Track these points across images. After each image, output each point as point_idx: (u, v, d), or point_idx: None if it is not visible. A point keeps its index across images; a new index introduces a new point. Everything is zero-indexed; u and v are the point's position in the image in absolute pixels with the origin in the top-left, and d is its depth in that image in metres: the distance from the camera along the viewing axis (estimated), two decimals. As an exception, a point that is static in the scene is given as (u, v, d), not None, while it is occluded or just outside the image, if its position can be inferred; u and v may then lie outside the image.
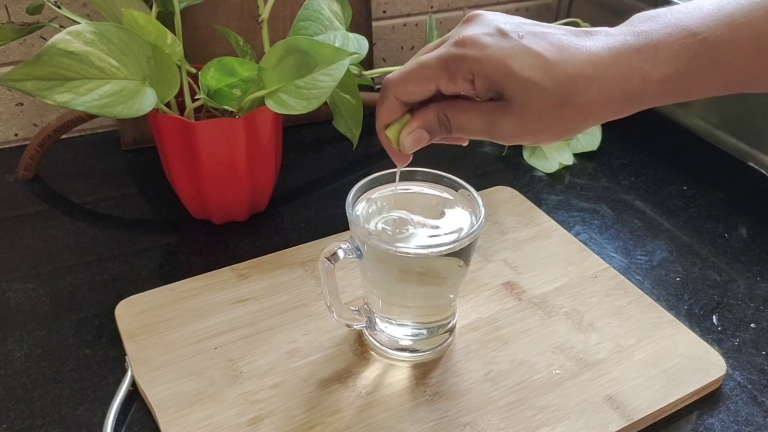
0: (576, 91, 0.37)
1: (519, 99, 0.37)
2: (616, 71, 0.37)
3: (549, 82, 0.37)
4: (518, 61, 0.37)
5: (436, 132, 0.41)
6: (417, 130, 0.41)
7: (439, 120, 0.40)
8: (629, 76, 0.37)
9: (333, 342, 0.51)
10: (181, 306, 0.54)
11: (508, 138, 0.39)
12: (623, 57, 0.37)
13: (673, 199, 0.71)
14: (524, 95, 0.37)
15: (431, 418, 0.46)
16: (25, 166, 0.70)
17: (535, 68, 0.37)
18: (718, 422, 0.48)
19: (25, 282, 0.58)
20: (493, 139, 0.40)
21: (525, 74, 0.37)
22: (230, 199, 0.62)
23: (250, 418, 0.46)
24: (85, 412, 0.47)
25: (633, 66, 0.37)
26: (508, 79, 0.37)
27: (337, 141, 0.77)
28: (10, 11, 0.70)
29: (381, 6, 0.86)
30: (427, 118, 0.40)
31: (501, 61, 0.37)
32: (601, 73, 0.37)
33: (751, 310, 0.57)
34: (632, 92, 0.37)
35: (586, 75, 0.37)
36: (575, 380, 0.49)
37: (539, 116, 0.38)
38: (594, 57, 0.37)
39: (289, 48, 0.53)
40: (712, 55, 0.37)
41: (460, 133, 0.40)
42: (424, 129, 0.41)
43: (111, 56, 0.49)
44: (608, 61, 0.37)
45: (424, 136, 0.41)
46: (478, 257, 0.60)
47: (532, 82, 0.37)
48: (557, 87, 0.37)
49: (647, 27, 0.37)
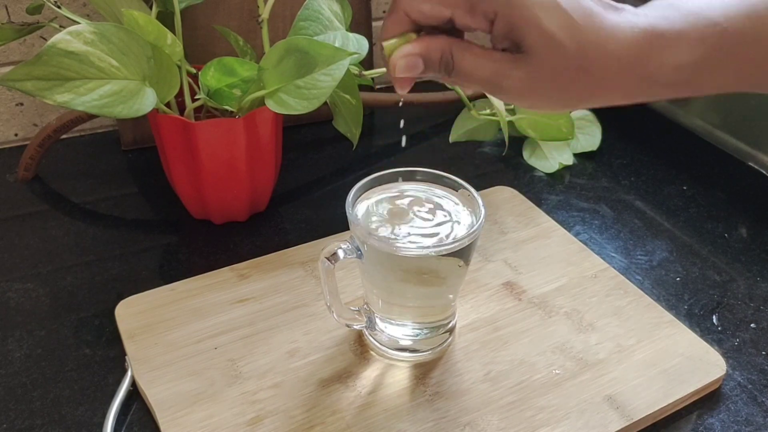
0: (596, 60, 0.36)
1: (538, 53, 0.36)
2: (636, 51, 0.36)
3: (573, 43, 0.35)
4: (547, 14, 0.35)
5: (434, 67, 0.38)
6: (413, 57, 0.38)
7: (443, 56, 0.37)
8: (648, 58, 0.36)
9: (333, 342, 0.51)
10: (181, 306, 0.54)
11: (513, 94, 0.37)
12: (646, 38, 0.36)
13: (673, 199, 0.71)
14: (544, 51, 0.35)
15: (431, 418, 0.46)
16: (25, 166, 0.70)
17: (563, 26, 0.35)
18: (718, 422, 0.48)
19: (25, 282, 0.58)
20: (495, 92, 0.38)
21: (551, 29, 0.35)
22: (230, 199, 0.62)
23: (250, 418, 0.46)
24: (85, 412, 0.47)
25: (653, 49, 0.36)
26: (531, 29, 0.35)
27: (337, 141, 0.77)
28: (10, 11, 0.70)
29: (381, 6, 0.86)
30: (431, 48, 0.37)
31: (530, 9, 0.35)
32: (622, 51, 0.36)
33: (751, 310, 0.57)
34: (647, 75, 0.36)
35: (609, 48, 0.35)
36: (575, 380, 0.49)
37: (552, 77, 0.36)
38: (619, 32, 0.36)
39: (289, 48, 0.53)
40: (731, 48, 0.36)
41: (460, 78, 0.38)
42: (421, 58, 0.38)
43: (111, 56, 0.49)
44: (631, 40, 0.36)
45: (419, 66, 0.38)
46: (478, 257, 0.60)
47: (557, 39, 0.35)
48: (579, 52, 0.35)
49: (669, 13, 0.36)
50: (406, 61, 0.38)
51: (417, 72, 0.38)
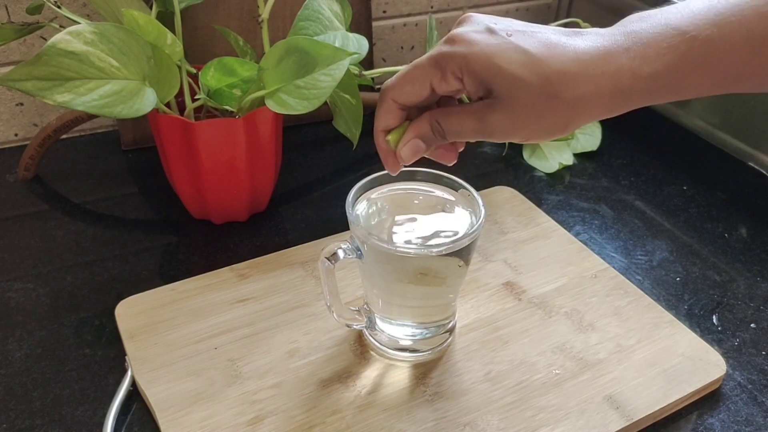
0: (562, 86, 0.37)
1: (507, 95, 0.38)
2: (604, 68, 0.37)
3: (534, 77, 0.37)
4: (504, 58, 0.37)
5: (431, 140, 0.41)
6: (412, 141, 0.41)
7: (432, 128, 0.41)
8: (618, 72, 0.37)
9: (333, 342, 0.51)
10: (181, 306, 0.54)
11: (500, 134, 0.39)
12: (612, 55, 0.37)
13: (673, 199, 0.71)
14: (512, 91, 0.37)
15: (431, 418, 0.46)
16: (25, 166, 0.70)
17: (521, 64, 0.37)
18: (718, 422, 0.48)
19: (25, 282, 0.58)
20: (486, 137, 0.40)
21: (511, 70, 0.37)
22: (230, 199, 0.62)
23: (250, 418, 0.46)
24: (85, 412, 0.47)
25: (622, 63, 0.37)
26: (494, 76, 0.37)
27: (337, 141, 0.77)
28: (10, 11, 0.70)
29: (381, 6, 0.86)
30: (421, 127, 0.41)
31: (488, 58, 0.37)
32: (589, 70, 0.37)
33: (751, 310, 0.57)
34: (622, 88, 0.37)
35: (573, 71, 0.37)
36: (575, 380, 0.49)
37: (527, 111, 0.38)
38: (582, 54, 0.37)
39: (289, 48, 0.53)
40: (702, 53, 0.37)
41: (453, 137, 0.41)
42: (419, 138, 0.41)
43: (111, 56, 0.49)
44: (596, 59, 0.37)
45: (420, 146, 0.41)
46: (478, 257, 0.60)
47: (518, 77, 0.37)
48: (543, 82, 0.37)
49: (637, 27, 0.38)
50: (408, 147, 0.41)
51: (422, 152, 0.42)
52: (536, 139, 0.40)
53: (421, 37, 0.90)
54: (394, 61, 0.90)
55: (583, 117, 0.39)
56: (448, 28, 1.03)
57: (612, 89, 0.37)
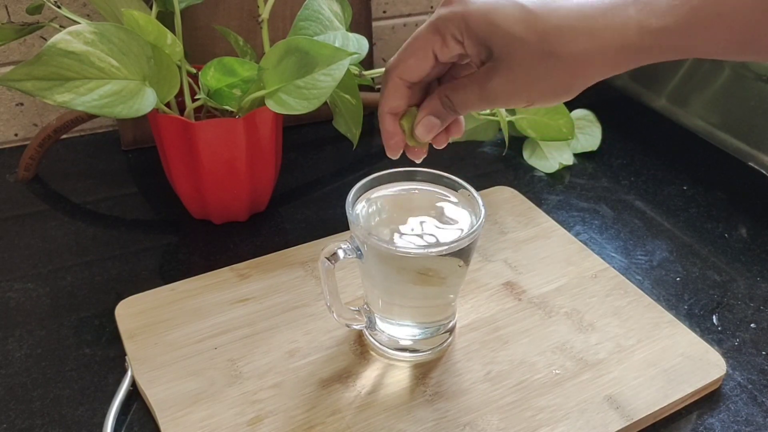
0: (561, 42, 0.35)
1: (505, 55, 0.36)
2: (608, 21, 0.35)
3: (531, 34, 0.35)
4: (501, 14, 0.36)
5: (444, 115, 0.40)
6: (426, 118, 0.41)
7: (443, 102, 0.40)
8: (625, 25, 0.35)
9: (333, 342, 0.51)
10: (181, 306, 0.54)
11: (503, 100, 0.38)
12: (618, 7, 0.35)
13: (673, 199, 0.71)
14: (509, 50, 0.36)
15: (431, 418, 0.46)
16: (25, 166, 0.70)
17: (518, 20, 0.35)
18: (718, 422, 0.48)
19: (25, 282, 0.58)
20: (491, 104, 0.39)
21: (506, 27, 0.35)
22: (230, 199, 0.62)
23: (250, 418, 0.46)
24: (85, 412, 0.47)
25: (629, 16, 0.35)
26: (492, 34, 0.36)
27: (337, 141, 0.77)
28: (10, 11, 0.70)
29: (381, 6, 0.86)
30: (432, 104, 0.40)
31: (484, 15, 0.36)
32: (592, 23, 0.35)
33: (751, 310, 0.57)
34: (629, 43, 0.35)
35: (573, 26, 0.35)
36: (575, 380, 0.49)
37: (525, 71, 0.36)
38: (585, 7, 0.35)
39: (289, 48, 0.53)
40: (715, 8, 0.34)
41: (462, 108, 0.40)
42: (432, 115, 0.40)
43: (111, 56, 0.49)
44: (600, 11, 0.35)
45: (435, 122, 0.41)
46: (478, 257, 0.60)
47: (514, 35, 0.35)
48: (539, 39, 0.35)
49: None
50: (422, 124, 0.41)
51: (437, 128, 0.41)
52: (541, 103, 0.38)
53: (421, 37, 0.90)
54: (394, 61, 0.90)
55: (587, 76, 0.37)
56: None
57: (618, 44, 0.35)
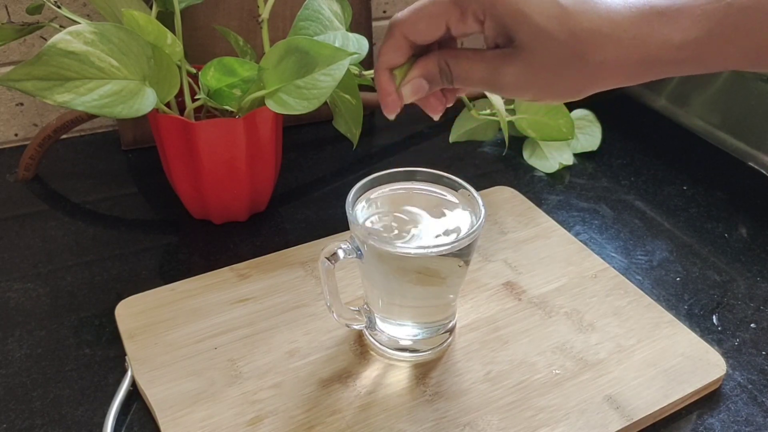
0: (591, 47, 0.35)
1: (529, 47, 0.35)
2: (635, 32, 0.35)
3: (564, 33, 0.35)
4: (534, 6, 0.35)
5: (436, 81, 0.39)
6: (416, 79, 0.39)
7: (440, 68, 0.38)
8: (649, 38, 0.35)
9: (333, 342, 0.51)
10: (181, 306, 0.54)
11: (511, 88, 0.37)
12: (645, 18, 0.35)
13: (673, 199, 0.71)
14: (535, 43, 0.35)
15: (431, 418, 0.46)
16: (25, 166, 0.70)
17: (552, 16, 0.35)
18: (718, 422, 0.48)
19: (25, 282, 0.58)
20: (494, 89, 0.38)
21: (539, 21, 0.35)
22: (230, 199, 0.62)
23: (250, 418, 0.46)
24: (85, 412, 0.47)
25: (654, 28, 0.35)
26: (520, 24, 0.35)
27: (337, 141, 0.77)
28: (10, 11, 0.70)
29: (381, 6, 0.86)
30: (428, 66, 0.39)
31: (516, 4, 0.35)
32: (620, 33, 0.35)
33: (751, 310, 0.57)
34: (649, 56, 0.35)
35: (604, 32, 0.35)
36: (575, 380, 0.49)
37: (547, 68, 0.36)
38: (614, 14, 0.35)
39: (289, 48, 0.53)
40: (736, 21, 0.35)
41: (460, 82, 0.38)
42: (423, 78, 0.39)
43: (111, 56, 0.49)
44: (628, 21, 0.35)
45: (423, 86, 0.39)
46: (478, 257, 0.60)
47: (546, 30, 0.35)
48: (572, 40, 0.35)
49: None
50: (411, 85, 0.39)
51: (423, 92, 0.40)
52: (546, 100, 0.38)
53: (421, 37, 0.90)
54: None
55: (602, 83, 0.37)
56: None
57: (639, 57, 0.35)
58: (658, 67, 0.36)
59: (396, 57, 0.39)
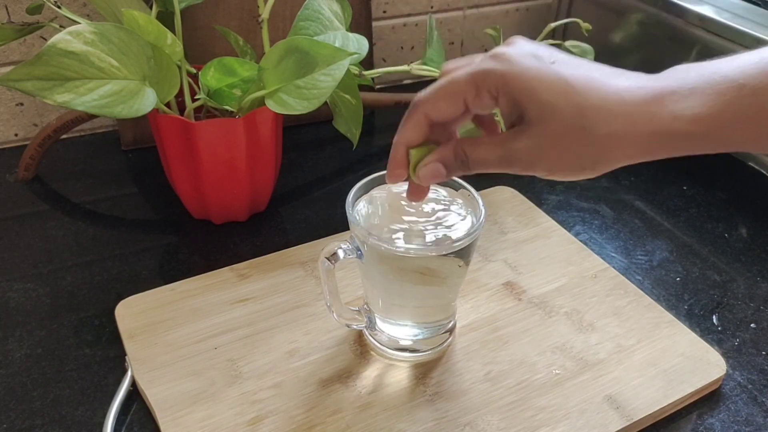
0: (597, 120, 0.36)
1: (537, 121, 0.37)
2: (644, 108, 0.36)
3: (569, 108, 0.36)
4: (543, 83, 0.36)
5: (453, 167, 0.41)
6: (433, 164, 0.41)
7: (456, 155, 0.40)
8: (660, 112, 0.36)
9: (333, 342, 0.51)
10: (181, 306, 0.54)
11: (523, 164, 0.39)
12: (656, 96, 0.36)
13: (673, 199, 0.71)
14: (543, 117, 0.37)
15: (431, 418, 0.46)
16: (25, 166, 0.70)
17: (558, 92, 0.36)
18: (718, 422, 0.48)
19: (25, 282, 0.58)
20: (509, 166, 0.39)
21: (547, 96, 0.36)
22: (230, 199, 0.62)
23: (250, 418, 0.46)
24: (85, 412, 0.47)
25: (665, 105, 0.36)
26: (529, 99, 0.37)
27: (337, 141, 0.77)
28: (10, 11, 0.70)
29: (381, 6, 0.86)
30: (445, 153, 0.41)
31: (526, 80, 0.37)
32: (629, 109, 0.36)
33: (751, 310, 0.57)
34: (661, 129, 0.36)
35: (611, 109, 0.36)
36: (575, 380, 0.49)
37: (555, 141, 0.37)
38: (624, 92, 0.36)
39: (289, 48, 0.53)
40: (749, 102, 0.35)
41: (478, 167, 0.40)
42: (441, 163, 0.41)
43: (111, 56, 0.49)
44: (638, 98, 0.36)
45: (441, 171, 0.41)
46: (478, 257, 0.60)
47: (551, 104, 0.36)
48: (576, 113, 0.36)
49: (684, 74, 0.37)
50: (428, 168, 0.41)
51: (441, 178, 0.41)
52: (560, 175, 0.39)
53: (421, 38, 0.90)
54: (394, 61, 0.90)
55: (615, 157, 0.37)
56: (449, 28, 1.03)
57: (649, 129, 0.36)
58: (670, 141, 0.37)
59: (415, 135, 0.41)
